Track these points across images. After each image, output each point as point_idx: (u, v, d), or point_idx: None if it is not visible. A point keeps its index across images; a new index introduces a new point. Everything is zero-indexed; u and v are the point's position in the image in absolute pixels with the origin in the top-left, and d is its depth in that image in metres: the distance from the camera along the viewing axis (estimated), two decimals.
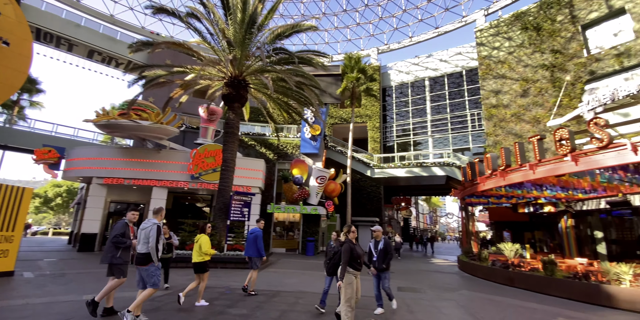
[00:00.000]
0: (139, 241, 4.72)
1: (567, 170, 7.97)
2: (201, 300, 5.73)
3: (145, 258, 4.61)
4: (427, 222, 63.44)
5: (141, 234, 4.72)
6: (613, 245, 13.24)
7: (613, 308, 6.60)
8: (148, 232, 4.65)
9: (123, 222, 4.93)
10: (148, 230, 4.67)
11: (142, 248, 4.65)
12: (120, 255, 4.76)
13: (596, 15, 17.91)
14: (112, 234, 4.82)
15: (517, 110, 19.88)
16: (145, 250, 4.62)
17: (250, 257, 6.90)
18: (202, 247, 5.79)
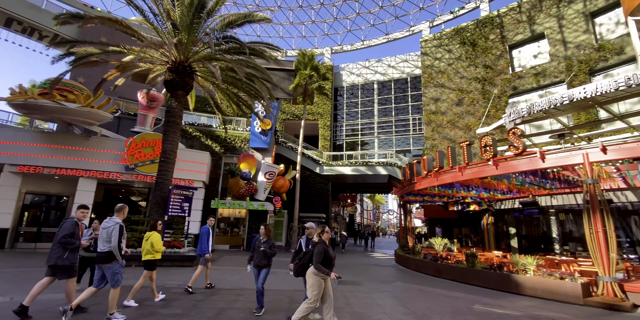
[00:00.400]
0: (100, 239, 4.68)
1: (490, 173, 8.93)
2: (130, 300, 5.33)
3: (107, 256, 4.63)
4: (370, 218, 66.48)
5: (103, 232, 4.70)
6: (523, 240, 15.23)
7: (520, 294, 7.58)
8: (110, 231, 4.63)
9: (72, 221, 4.69)
10: (110, 229, 4.65)
11: (104, 247, 4.63)
12: (67, 257, 4.55)
13: (521, 38, 20.30)
14: (60, 233, 4.55)
15: (453, 117, 21.74)
16: (107, 249, 4.61)
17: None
18: (154, 245, 5.72)
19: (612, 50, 16.34)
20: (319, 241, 4.43)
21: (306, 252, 4.74)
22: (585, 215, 7.16)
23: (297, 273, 4.73)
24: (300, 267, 4.66)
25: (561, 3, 18.84)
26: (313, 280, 4.22)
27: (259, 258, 5.32)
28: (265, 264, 5.33)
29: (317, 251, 4.30)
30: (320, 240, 4.43)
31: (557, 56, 18.54)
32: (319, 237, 4.47)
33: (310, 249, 4.55)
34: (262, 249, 5.33)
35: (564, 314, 5.81)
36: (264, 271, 5.36)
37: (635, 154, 6.95)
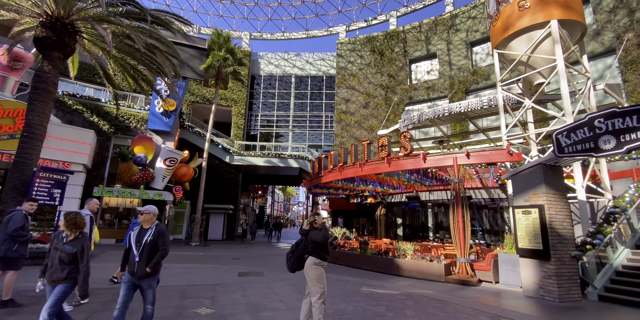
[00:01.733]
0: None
1: (383, 170, 10.02)
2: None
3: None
4: (280, 210, 67.24)
5: None
6: (407, 229, 17.64)
7: (400, 276, 8.80)
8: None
9: (21, 213, 4.79)
10: None
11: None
12: (17, 249, 4.69)
13: (419, 54, 23.23)
14: (11, 226, 4.63)
15: (360, 118, 23.60)
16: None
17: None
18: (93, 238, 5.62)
19: (482, 75, 20.06)
20: (310, 228, 4.14)
21: (297, 243, 4.24)
22: (451, 208, 8.71)
23: (293, 268, 4.19)
24: (297, 261, 4.12)
25: (450, 30, 22.17)
26: (315, 272, 3.92)
27: (54, 268, 3.27)
28: (61, 277, 3.26)
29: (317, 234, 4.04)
30: (312, 227, 4.15)
31: (444, 75, 21.80)
32: (310, 224, 4.17)
33: (301, 239, 4.17)
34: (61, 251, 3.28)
35: (430, 290, 7.00)
36: (59, 288, 3.27)
37: (489, 160, 8.75)
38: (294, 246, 4.24)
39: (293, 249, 4.22)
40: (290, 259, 4.19)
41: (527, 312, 5.42)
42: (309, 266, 4.00)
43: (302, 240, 4.16)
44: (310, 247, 4.04)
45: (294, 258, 4.14)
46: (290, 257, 4.21)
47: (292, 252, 4.20)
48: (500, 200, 13.37)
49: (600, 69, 15.64)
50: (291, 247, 4.28)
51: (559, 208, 6.70)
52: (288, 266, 4.22)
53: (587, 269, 6.53)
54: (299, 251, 4.14)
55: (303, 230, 4.21)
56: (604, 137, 5.47)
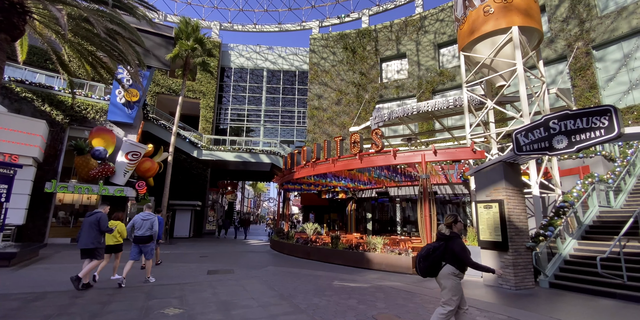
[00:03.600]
0: (143, 227, 6.58)
1: (355, 166, 10.20)
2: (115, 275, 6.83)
3: (148, 239, 6.61)
4: (251, 206, 66.24)
5: (144, 223, 6.62)
6: (376, 223, 18.12)
7: (371, 269, 9.03)
8: (153, 222, 6.67)
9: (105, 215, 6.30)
10: (151, 221, 6.68)
11: (146, 232, 6.59)
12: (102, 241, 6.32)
13: (390, 53, 23.74)
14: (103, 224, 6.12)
15: (332, 115, 23.75)
16: (148, 233, 6.60)
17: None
18: (121, 233, 7.03)
19: (448, 76, 20.92)
20: (451, 234, 3.66)
21: (434, 247, 3.70)
22: (419, 203, 9.06)
23: (425, 272, 3.68)
24: (431, 266, 3.62)
25: (419, 31, 22.85)
26: (452, 282, 3.56)
27: None
28: None
29: (460, 246, 3.55)
30: (453, 233, 3.68)
31: (413, 74, 22.47)
32: (450, 228, 3.70)
33: (439, 245, 3.67)
34: None
35: (399, 282, 7.25)
36: None
37: (454, 157, 9.18)
38: (431, 249, 3.71)
39: (429, 252, 3.70)
40: (422, 262, 3.71)
41: (487, 300, 5.79)
42: (445, 275, 3.61)
43: (440, 245, 3.68)
44: (449, 255, 3.62)
45: (429, 263, 3.67)
46: (424, 260, 3.71)
47: (427, 255, 3.70)
48: (463, 195, 14.12)
49: (552, 75, 16.92)
50: (426, 249, 3.74)
51: (516, 202, 7.20)
52: (419, 269, 3.74)
53: (539, 258, 7.10)
54: (435, 256, 3.66)
55: (442, 235, 3.75)
56: (557, 137, 5.93)
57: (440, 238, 3.75)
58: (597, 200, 9.13)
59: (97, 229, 6.01)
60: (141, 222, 6.60)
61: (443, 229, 3.78)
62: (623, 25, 14.57)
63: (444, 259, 3.63)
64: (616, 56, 14.99)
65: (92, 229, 5.97)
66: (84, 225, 6.03)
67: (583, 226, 8.45)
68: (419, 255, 3.75)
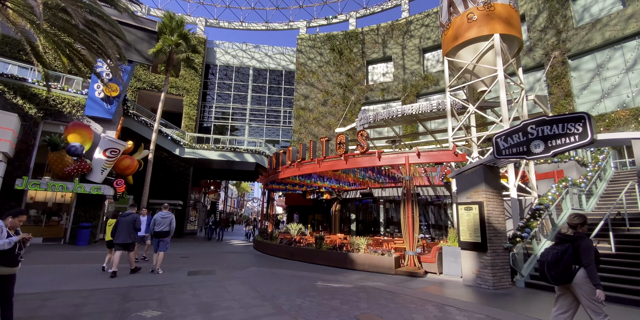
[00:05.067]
0: (162, 224, 7.73)
1: (341, 166, 10.23)
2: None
3: (165, 233, 7.79)
4: (234, 206, 65.33)
5: (164, 220, 7.77)
6: (360, 224, 18.26)
7: (354, 270, 9.07)
8: (171, 220, 7.85)
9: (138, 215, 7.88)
10: (170, 218, 7.87)
11: (165, 228, 7.76)
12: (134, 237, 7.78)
13: (376, 56, 24.02)
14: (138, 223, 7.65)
15: (318, 115, 23.79)
16: (166, 229, 7.78)
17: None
18: None
19: (432, 80, 21.35)
20: (577, 234, 3.33)
21: (561, 251, 3.32)
22: (402, 204, 9.18)
23: (558, 280, 3.29)
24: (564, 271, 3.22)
25: (405, 35, 23.23)
26: (590, 288, 3.13)
27: None
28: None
29: (587, 247, 3.19)
30: (579, 233, 3.34)
31: (398, 78, 22.81)
32: (575, 229, 3.37)
33: (565, 247, 3.31)
34: None
35: (381, 283, 7.32)
36: None
37: (437, 159, 9.37)
38: (559, 253, 3.33)
39: (557, 257, 3.31)
40: (553, 269, 3.32)
41: (466, 300, 5.93)
42: (582, 280, 3.22)
43: (567, 248, 3.33)
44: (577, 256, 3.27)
45: (562, 268, 3.27)
46: (554, 266, 3.32)
47: (556, 260, 3.31)
48: (444, 197, 14.43)
49: (531, 82, 17.58)
50: (553, 255, 3.36)
51: (495, 205, 7.42)
52: (550, 277, 3.34)
53: (516, 259, 7.35)
54: (564, 260, 3.28)
55: (566, 236, 3.42)
56: (535, 141, 6.15)
57: (563, 240, 3.42)
58: (570, 203, 9.54)
59: (133, 227, 7.39)
60: (161, 219, 7.77)
61: (568, 230, 3.43)
62: (597, 36, 15.31)
63: (575, 262, 3.27)
64: (590, 66, 15.73)
65: (130, 227, 7.34)
66: (121, 224, 7.33)
67: (557, 227, 8.80)
68: (543, 263, 3.39)
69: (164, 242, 7.83)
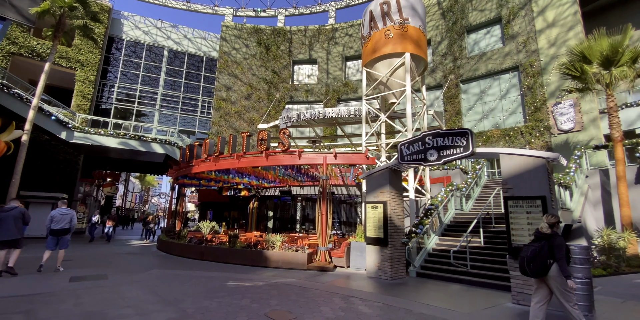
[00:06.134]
0: (62, 222, 7.37)
1: (261, 163, 10.14)
2: None
3: (66, 231, 7.48)
4: (136, 202, 58.01)
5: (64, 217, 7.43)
6: (277, 222, 18.34)
7: (269, 267, 9.06)
8: (71, 217, 7.53)
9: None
10: (71, 215, 7.54)
11: (66, 225, 7.44)
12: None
13: (302, 57, 24.48)
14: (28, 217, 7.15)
15: (241, 109, 23.01)
16: (67, 226, 7.46)
17: None
18: None
19: (352, 88, 22.80)
20: (552, 232, 3.80)
21: (538, 247, 3.75)
22: (317, 202, 9.59)
23: (535, 273, 3.75)
24: (541, 266, 3.69)
25: (331, 41, 24.26)
26: (562, 279, 3.64)
27: None
28: None
29: (561, 242, 3.69)
30: (555, 232, 3.81)
31: (322, 81, 23.69)
32: (551, 228, 3.83)
33: (542, 244, 3.76)
34: None
35: (293, 279, 7.52)
36: None
37: (351, 161, 10.08)
38: (536, 250, 3.78)
39: (535, 253, 3.76)
40: (532, 264, 3.76)
41: (368, 291, 6.56)
42: (558, 273, 3.70)
43: (543, 245, 3.77)
44: (552, 252, 3.73)
45: (539, 263, 3.73)
46: (532, 261, 3.76)
47: (534, 255, 3.76)
48: (356, 196, 15.58)
49: (431, 99, 20.30)
50: (532, 251, 3.80)
51: (397, 204, 8.38)
52: (529, 271, 3.79)
53: (410, 252, 8.42)
54: (541, 256, 3.73)
55: (543, 234, 3.86)
56: (430, 150, 7.17)
57: (540, 237, 3.86)
58: (454, 204, 11.38)
59: (22, 221, 6.93)
60: (60, 216, 7.35)
61: (545, 228, 3.87)
62: (482, 67, 18.57)
63: (551, 257, 3.72)
64: (475, 91, 18.99)
65: (18, 222, 6.85)
66: (5, 219, 6.69)
67: (443, 225, 10.41)
68: (523, 258, 3.83)
69: (64, 240, 7.50)
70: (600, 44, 10.08)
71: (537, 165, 5.79)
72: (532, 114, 16.24)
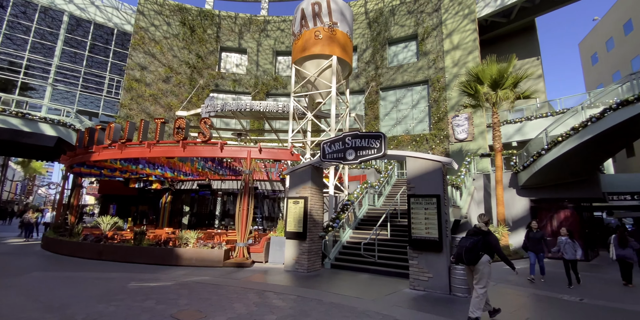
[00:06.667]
0: None
1: (177, 154, 9.44)
2: None
3: None
4: (16, 192, 47.68)
5: None
6: (194, 217, 17.27)
7: (180, 266, 8.49)
8: None
9: None
10: None
11: None
12: None
13: (231, 45, 23.40)
14: None
15: (157, 92, 20.88)
16: None
17: None
18: None
19: (282, 83, 22.75)
20: (488, 230, 4.59)
21: (475, 241, 4.53)
22: (239, 197, 9.39)
23: (470, 261, 4.52)
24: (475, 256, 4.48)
25: (262, 33, 23.75)
26: (489, 268, 4.46)
27: None
28: None
29: (497, 240, 4.53)
30: (489, 230, 4.63)
31: (251, 73, 23.07)
32: (487, 225, 4.65)
33: (478, 239, 4.53)
34: None
35: (207, 277, 7.24)
36: None
37: (276, 156, 10.11)
38: (474, 243, 4.51)
39: (473, 246, 4.50)
40: (468, 254, 4.51)
41: (284, 284, 6.74)
42: (485, 263, 4.45)
43: (479, 239, 4.52)
44: (486, 247, 4.50)
45: (474, 254, 4.49)
46: (470, 252, 4.50)
47: (472, 248, 4.49)
48: (280, 191, 15.67)
49: (354, 102, 21.57)
50: (470, 243, 4.53)
51: (317, 199, 8.75)
52: (466, 259, 4.54)
53: (327, 245, 8.90)
54: (477, 248, 4.49)
55: (481, 230, 4.63)
56: (349, 150, 7.68)
57: (478, 233, 4.65)
58: (368, 200, 12.38)
59: None
60: None
61: (483, 226, 4.70)
62: (399, 77, 20.45)
63: (482, 250, 4.51)
64: (392, 99, 20.84)
65: None
66: None
67: (357, 219, 11.25)
68: (463, 248, 4.58)
69: None
70: (491, 68, 12.09)
71: (435, 168, 6.72)
72: (436, 124, 18.62)
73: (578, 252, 7.21)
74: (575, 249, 7.23)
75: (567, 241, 7.34)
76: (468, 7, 19.04)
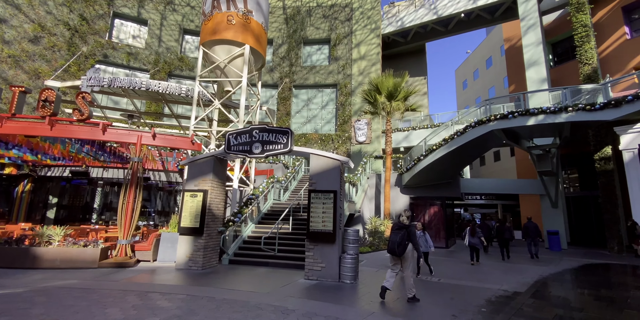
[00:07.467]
0: None
1: (42, 133, 7.73)
2: None
3: None
4: None
5: None
6: (63, 210, 14.29)
7: (38, 268, 6.96)
8: None
9: None
10: None
11: None
12: None
13: (128, 12, 20.25)
14: None
15: (20, 53, 16.57)
16: None
17: None
18: None
19: (188, 65, 20.89)
20: (409, 224, 5.28)
21: (402, 234, 5.16)
22: (124, 188, 8.23)
23: (402, 252, 5.15)
24: (405, 248, 5.16)
25: (168, 6, 21.29)
26: (412, 254, 5.27)
27: None
28: None
29: (414, 232, 5.28)
30: (412, 224, 5.33)
31: (151, 48, 20.44)
32: (409, 219, 5.35)
33: (404, 232, 5.18)
34: None
35: (75, 280, 6.12)
36: None
37: (173, 144, 9.23)
38: (403, 237, 5.15)
39: (402, 239, 5.14)
40: (399, 247, 5.14)
41: (173, 283, 6.22)
42: (409, 251, 5.20)
43: (404, 232, 5.17)
44: (409, 237, 5.16)
45: (403, 246, 5.14)
46: (400, 245, 5.14)
47: (402, 241, 5.14)
48: (177, 184, 14.32)
49: (267, 96, 21.38)
50: (400, 237, 5.15)
51: (218, 193, 8.36)
52: (398, 252, 5.15)
53: (226, 240, 8.60)
54: (405, 240, 5.15)
55: (403, 224, 5.26)
56: (256, 144, 7.59)
57: (401, 227, 5.26)
58: (273, 194, 12.44)
59: None
60: None
61: (405, 220, 5.31)
62: (311, 78, 21.14)
63: (407, 241, 5.18)
64: (304, 97, 21.42)
65: None
66: None
67: (261, 213, 11.19)
68: (395, 243, 5.17)
69: None
70: (388, 81, 13.60)
71: (334, 166, 7.22)
72: (341, 126, 19.98)
73: (429, 244, 7.51)
74: (427, 241, 7.50)
75: (420, 235, 7.41)
76: (375, 22, 20.96)
